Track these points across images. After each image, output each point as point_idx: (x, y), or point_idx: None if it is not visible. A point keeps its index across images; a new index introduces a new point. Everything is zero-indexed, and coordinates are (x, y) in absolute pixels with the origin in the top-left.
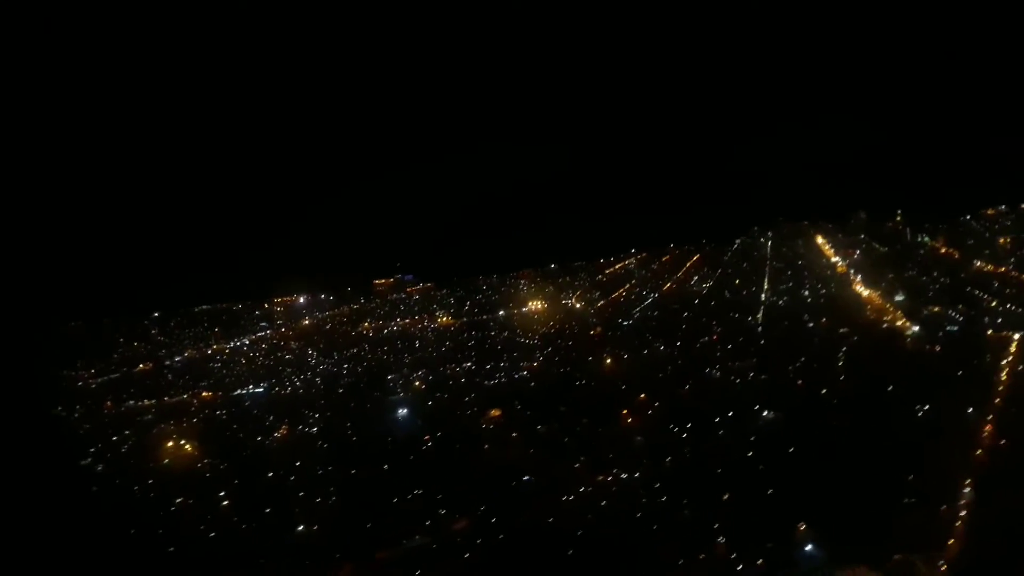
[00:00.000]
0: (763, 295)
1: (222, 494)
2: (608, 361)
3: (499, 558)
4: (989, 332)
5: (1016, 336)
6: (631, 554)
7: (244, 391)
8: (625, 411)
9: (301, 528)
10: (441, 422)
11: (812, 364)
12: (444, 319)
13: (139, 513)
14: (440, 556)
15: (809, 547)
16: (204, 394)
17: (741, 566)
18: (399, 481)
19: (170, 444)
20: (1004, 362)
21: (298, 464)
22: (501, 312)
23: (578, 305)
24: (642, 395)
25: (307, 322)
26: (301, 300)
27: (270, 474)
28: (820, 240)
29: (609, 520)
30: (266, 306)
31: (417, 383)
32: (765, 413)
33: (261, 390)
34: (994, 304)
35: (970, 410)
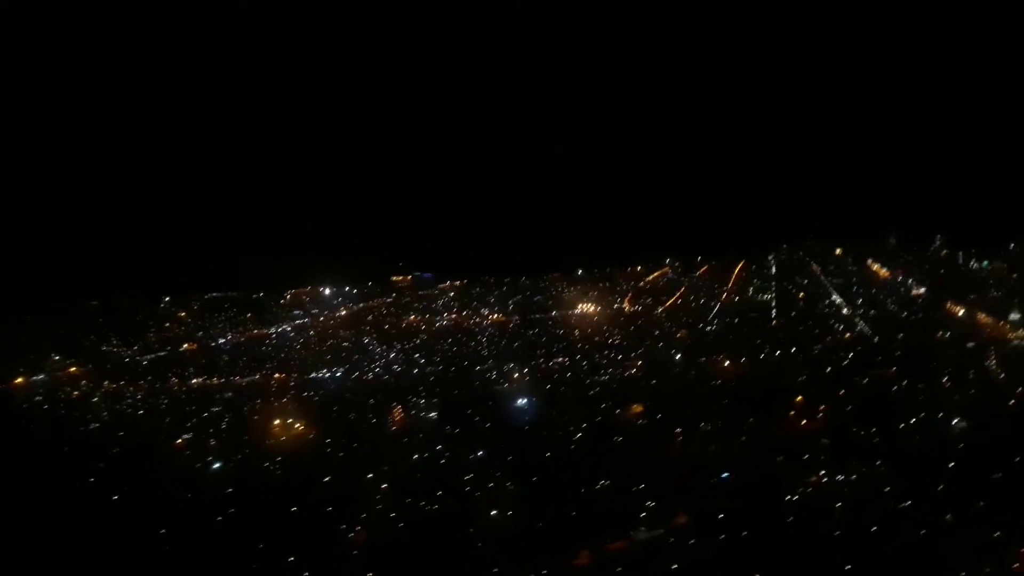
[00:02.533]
0: (845, 309)
1: (371, 475)
2: (727, 364)
3: (742, 556)
4: None
5: None
6: (919, 557)
7: (319, 375)
8: (792, 412)
9: (494, 513)
10: (579, 414)
11: (965, 376)
12: (494, 316)
13: (286, 491)
14: (674, 550)
15: None
16: (277, 375)
17: None
18: (574, 472)
19: (277, 422)
20: None
21: (439, 447)
22: (554, 312)
23: (634, 308)
24: (798, 398)
25: (343, 312)
26: (326, 292)
27: (415, 456)
28: (870, 261)
29: (866, 523)
30: (288, 296)
31: (516, 375)
32: (955, 422)
33: (340, 374)
34: None
35: None
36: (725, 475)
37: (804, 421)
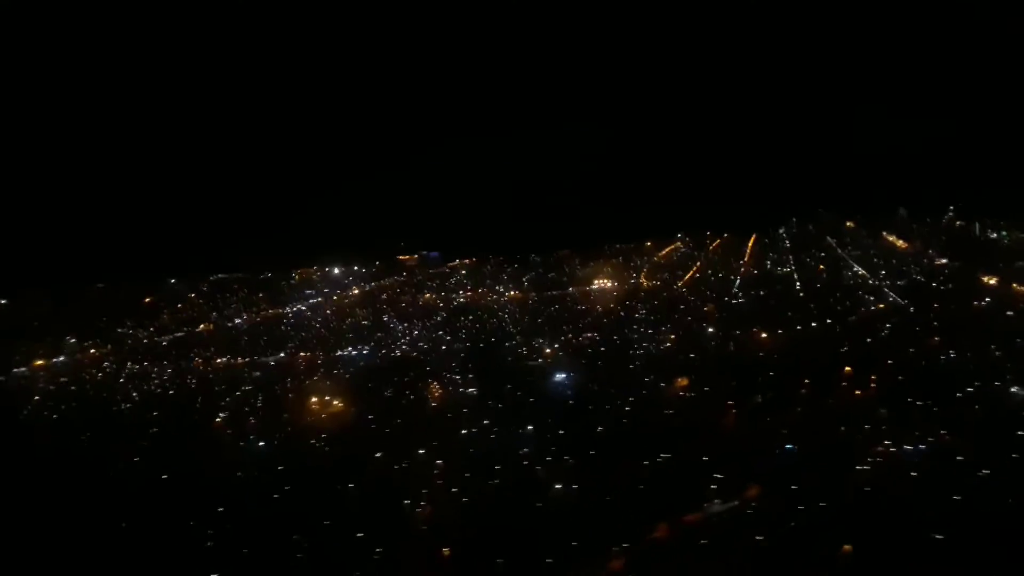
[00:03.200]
0: (872, 280)
1: (422, 451)
2: (764, 336)
3: (826, 526)
4: None
5: None
6: (1011, 525)
7: (345, 352)
8: (843, 383)
9: (559, 487)
10: (623, 388)
11: (1013, 344)
12: (511, 294)
13: (339, 468)
14: (754, 522)
15: None
16: (302, 354)
17: None
18: (631, 445)
19: (314, 400)
20: None
21: (486, 422)
22: (571, 288)
23: (652, 283)
24: (847, 368)
25: (356, 292)
26: (336, 272)
27: (463, 432)
28: (884, 233)
29: (947, 492)
30: (297, 276)
31: (547, 350)
32: (1014, 390)
33: (366, 352)
34: None
35: None
36: (789, 446)
37: (858, 392)
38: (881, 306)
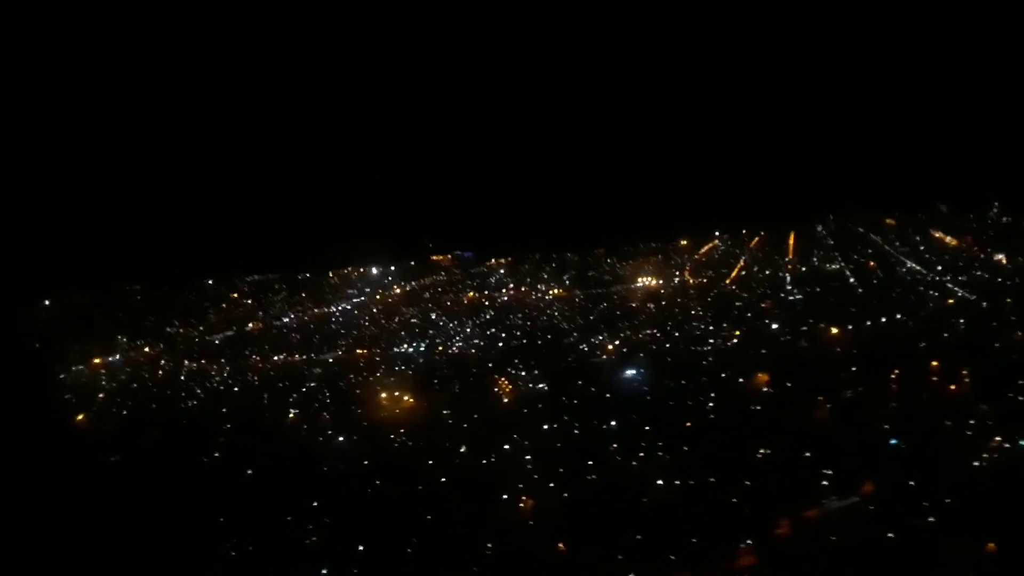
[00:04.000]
0: (929, 276)
1: (507, 447)
2: (834, 331)
3: (961, 523)
4: None
5: None
6: None
7: (402, 350)
8: (934, 378)
9: (660, 482)
10: (700, 384)
11: None
12: (555, 291)
13: (427, 464)
14: (880, 518)
15: None
16: (358, 351)
17: None
18: (725, 441)
19: (383, 396)
20: None
21: (566, 418)
22: (616, 286)
23: (699, 280)
24: (934, 363)
25: (398, 290)
26: (374, 271)
27: (545, 427)
28: (931, 230)
29: None
30: (334, 276)
31: (610, 347)
32: None
33: (424, 349)
34: None
35: None
36: (894, 441)
37: (952, 387)
38: (950, 301)
